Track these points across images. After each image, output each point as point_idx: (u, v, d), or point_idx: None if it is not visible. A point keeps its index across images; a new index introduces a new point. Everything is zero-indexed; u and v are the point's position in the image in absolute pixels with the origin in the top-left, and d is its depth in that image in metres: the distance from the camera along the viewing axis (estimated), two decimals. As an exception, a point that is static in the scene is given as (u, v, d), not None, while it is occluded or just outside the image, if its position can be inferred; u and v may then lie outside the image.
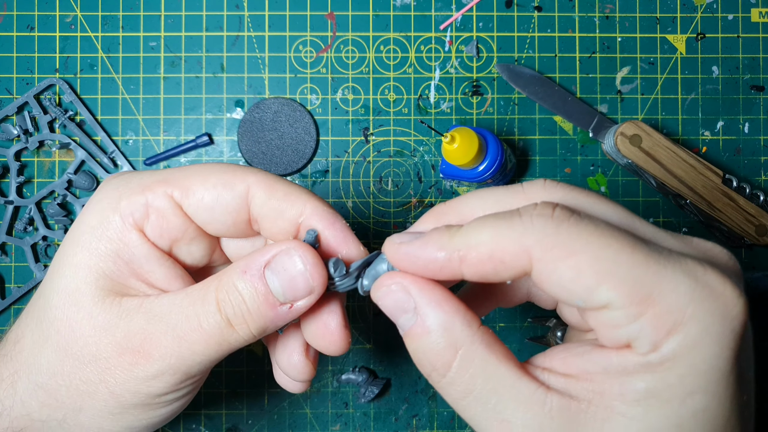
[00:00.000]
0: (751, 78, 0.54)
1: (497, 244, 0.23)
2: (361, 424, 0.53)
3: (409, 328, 0.25)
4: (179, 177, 0.30)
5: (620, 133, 0.49)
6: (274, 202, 0.29)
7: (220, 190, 0.29)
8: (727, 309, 0.22)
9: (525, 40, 0.54)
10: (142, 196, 0.29)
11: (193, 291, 0.29)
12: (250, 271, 0.28)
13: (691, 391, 0.22)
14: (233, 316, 0.28)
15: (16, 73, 0.53)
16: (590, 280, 0.22)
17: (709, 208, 0.50)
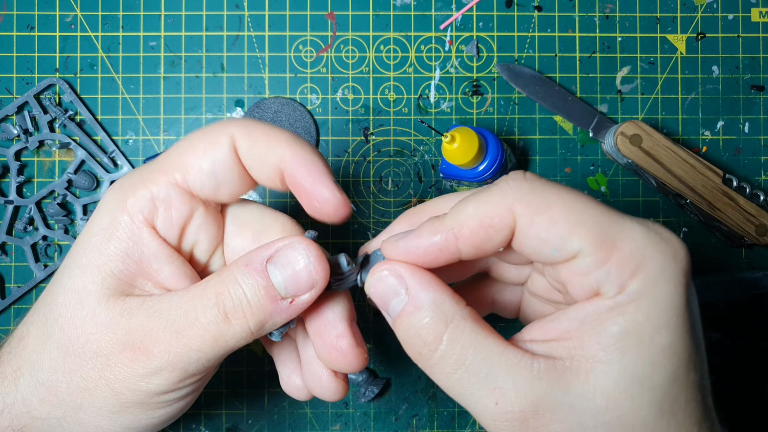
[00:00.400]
0: (751, 78, 0.54)
1: (484, 211, 0.26)
2: (361, 424, 0.53)
3: (401, 309, 0.27)
4: (173, 158, 0.30)
5: (620, 133, 0.49)
6: (256, 149, 0.30)
7: (210, 153, 0.29)
8: (675, 251, 0.25)
9: (525, 40, 0.54)
10: (147, 190, 0.29)
11: (194, 288, 0.29)
12: (252, 264, 0.28)
13: (657, 327, 0.25)
14: (231, 310, 0.28)
15: (16, 73, 0.53)
16: (564, 229, 0.25)
17: (709, 208, 0.50)
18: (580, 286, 0.26)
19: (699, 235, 0.53)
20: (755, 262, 0.53)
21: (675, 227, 0.53)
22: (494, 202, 0.26)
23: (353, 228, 0.54)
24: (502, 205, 0.26)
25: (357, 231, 0.54)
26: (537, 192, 0.26)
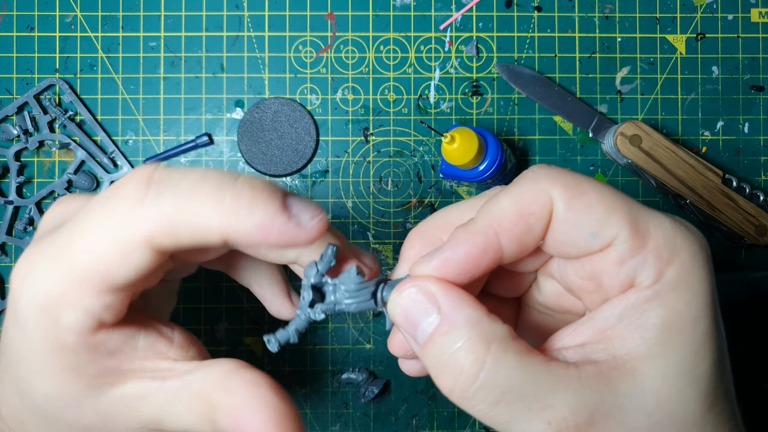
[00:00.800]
0: (750, 78, 0.54)
1: (521, 200, 0.24)
2: (361, 424, 0.53)
3: (434, 330, 0.24)
4: (86, 262, 0.23)
5: (620, 133, 0.49)
6: (182, 240, 0.25)
7: (127, 263, 0.24)
8: (701, 240, 0.25)
9: (525, 40, 0.54)
10: (76, 311, 0.24)
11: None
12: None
13: (697, 315, 0.23)
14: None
15: (16, 73, 0.53)
16: (601, 213, 0.24)
17: (709, 208, 0.50)
18: (616, 276, 0.24)
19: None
20: (755, 263, 0.53)
21: (675, 227, 0.53)
22: (529, 189, 0.24)
23: (353, 228, 0.54)
24: (538, 190, 0.24)
25: (357, 231, 0.54)
26: (568, 178, 0.25)
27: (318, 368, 0.53)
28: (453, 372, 0.23)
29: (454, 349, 0.23)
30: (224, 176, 0.24)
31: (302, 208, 0.25)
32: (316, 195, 0.54)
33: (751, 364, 0.53)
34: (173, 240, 0.23)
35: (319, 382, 0.53)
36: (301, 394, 0.53)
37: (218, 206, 0.23)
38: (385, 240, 0.53)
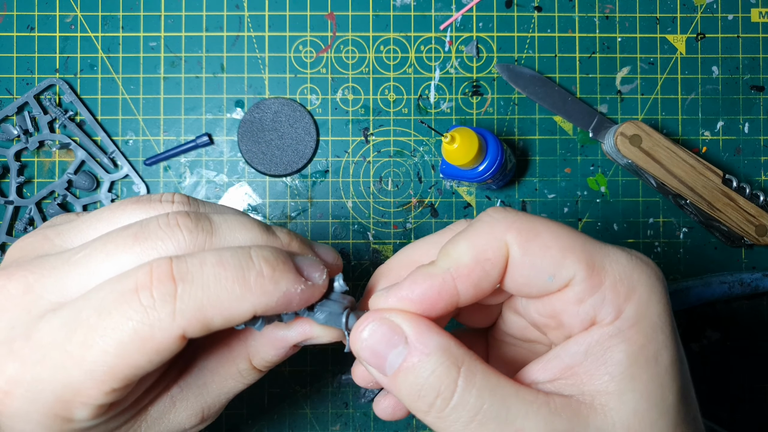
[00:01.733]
0: (751, 78, 0.54)
1: (477, 246, 0.25)
2: (361, 424, 0.53)
3: (404, 359, 0.24)
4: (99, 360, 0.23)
5: (620, 133, 0.49)
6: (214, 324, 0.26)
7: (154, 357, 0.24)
8: (657, 272, 0.25)
9: (525, 40, 0.54)
10: (82, 409, 0.24)
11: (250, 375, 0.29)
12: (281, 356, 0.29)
13: (659, 347, 0.24)
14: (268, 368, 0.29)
15: (16, 74, 0.53)
16: (556, 254, 0.24)
17: (709, 208, 0.50)
18: (576, 315, 0.25)
19: (699, 235, 0.53)
20: (755, 263, 0.53)
21: (675, 227, 0.53)
22: (485, 234, 0.25)
23: (353, 228, 0.54)
24: (493, 235, 0.25)
25: (357, 231, 0.54)
26: (523, 220, 0.25)
27: (318, 368, 0.53)
28: (430, 397, 0.24)
29: (427, 375, 0.24)
30: (240, 256, 0.25)
31: (311, 268, 0.26)
32: (316, 195, 0.54)
33: (751, 364, 0.53)
34: (206, 328, 0.24)
35: (320, 382, 0.53)
36: (301, 394, 0.53)
37: (246, 289, 0.24)
38: (385, 240, 0.53)
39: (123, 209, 0.27)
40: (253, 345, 0.29)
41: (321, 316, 0.27)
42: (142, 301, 0.23)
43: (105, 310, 0.23)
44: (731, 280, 0.51)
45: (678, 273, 0.53)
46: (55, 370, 0.23)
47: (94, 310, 0.23)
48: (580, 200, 0.53)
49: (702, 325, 0.53)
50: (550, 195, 0.53)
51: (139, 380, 0.26)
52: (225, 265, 0.24)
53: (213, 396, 0.30)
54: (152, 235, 0.25)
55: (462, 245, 0.25)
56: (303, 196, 0.54)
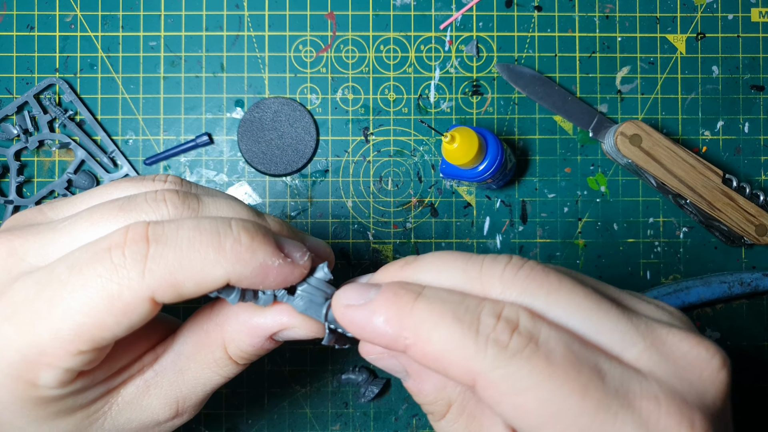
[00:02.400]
0: (751, 78, 0.54)
1: (446, 353, 0.22)
2: (361, 424, 0.53)
3: (405, 383, 0.26)
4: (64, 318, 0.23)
5: (620, 132, 0.49)
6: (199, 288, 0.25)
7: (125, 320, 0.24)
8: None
9: (525, 40, 0.54)
10: (49, 370, 0.24)
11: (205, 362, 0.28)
12: (262, 346, 0.28)
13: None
14: (249, 362, 0.29)
15: (16, 73, 0.53)
16: (533, 421, 0.21)
17: (709, 207, 0.50)
18: None
19: (699, 235, 0.53)
20: (755, 262, 0.53)
21: (675, 227, 0.53)
22: (461, 356, 0.22)
23: (353, 228, 0.54)
24: (466, 366, 0.22)
25: (357, 231, 0.54)
26: (512, 370, 0.21)
27: (318, 368, 0.53)
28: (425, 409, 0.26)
29: (423, 403, 0.26)
30: (218, 223, 0.24)
31: (292, 247, 0.26)
32: (316, 195, 0.54)
33: (752, 364, 0.53)
34: (177, 293, 0.23)
35: (320, 382, 0.53)
36: (301, 393, 0.53)
37: (221, 254, 0.23)
38: (385, 240, 0.53)
39: (116, 186, 0.28)
40: (228, 331, 0.28)
41: (300, 303, 0.26)
42: (113, 259, 0.23)
43: (76, 267, 0.23)
44: (731, 279, 0.51)
45: (678, 273, 0.53)
46: (21, 327, 0.23)
47: (65, 268, 0.23)
48: (580, 200, 0.53)
49: (702, 325, 0.53)
50: (550, 195, 0.53)
51: (109, 352, 0.25)
52: (201, 230, 0.24)
53: (189, 386, 0.29)
54: (137, 207, 0.25)
55: (437, 335, 0.22)
56: (303, 196, 0.54)
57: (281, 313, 0.27)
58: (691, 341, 0.22)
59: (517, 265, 0.23)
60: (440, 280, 0.24)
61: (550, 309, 0.23)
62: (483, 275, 0.23)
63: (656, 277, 0.53)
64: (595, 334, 0.22)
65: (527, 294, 0.23)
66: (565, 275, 0.23)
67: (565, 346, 0.21)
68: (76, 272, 0.23)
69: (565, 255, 0.53)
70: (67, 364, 0.23)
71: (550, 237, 0.53)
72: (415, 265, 0.25)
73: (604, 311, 0.23)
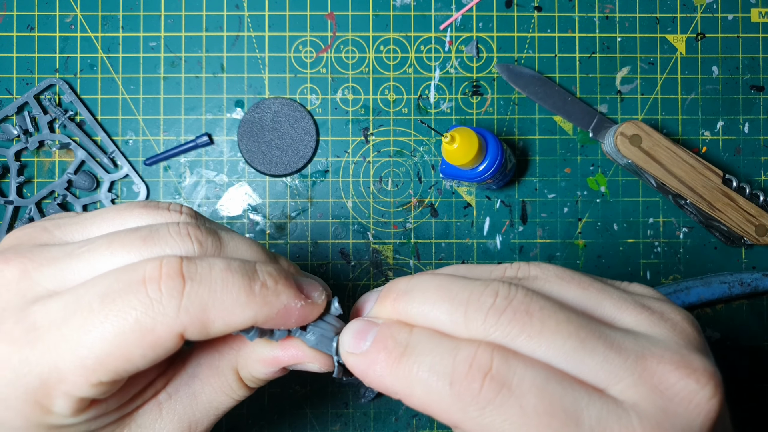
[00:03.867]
0: (751, 78, 0.54)
1: (428, 405, 0.23)
2: (361, 424, 0.53)
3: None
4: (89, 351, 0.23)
5: (620, 133, 0.49)
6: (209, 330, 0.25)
7: (151, 354, 0.24)
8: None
9: (525, 40, 0.54)
10: (62, 399, 0.23)
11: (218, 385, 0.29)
12: (271, 373, 0.29)
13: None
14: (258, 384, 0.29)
15: (16, 74, 0.53)
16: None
17: (709, 208, 0.50)
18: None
19: (699, 235, 0.53)
20: (755, 263, 0.53)
21: (675, 227, 0.53)
22: (441, 404, 0.23)
23: (353, 228, 0.54)
24: (447, 415, 0.23)
25: (357, 231, 0.54)
26: (486, 419, 0.22)
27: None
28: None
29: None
30: (246, 265, 0.25)
31: (311, 287, 0.27)
32: (316, 195, 0.54)
33: (752, 364, 0.53)
34: (205, 331, 0.24)
35: (320, 382, 0.53)
36: (301, 394, 0.53)
37: (250, 297, 0.24)
38: (385, 240, 0.53)
39: (130, 212, 0.27)
40: (243, 357, 0.29)
41: (312, 338, 0.27)
42: (149, 293, 0.23)
43: (109, 297, 0.23)
44: (731, 280, 0.51)
45: (678, 273, 0.53)
46: (45, 353, 0.23)
47: (97, 296, 0.23)
48: (580, 200, 0.53)
49: (702, 325, 0.53)
50: (550, 195, 0.53)
51: (125, 381, 0.25)
52: (233, 272, 0.24)
53: (202, 409, 0.29)
54: (161, 241, 0.25)
55: (419, 387, 0.23)
56: (303, 196, 0.54)
57: (295, 347, 0.28)
58: (682, 372, 0.22)
59: (500, 309, 0.23)
60: (429, 315, 0.25)
61: (532, 350, 0.23)
62: (467, 317, 0.24)
63: (656, 277, 0.53)
64: (578, 371, 0.23)
65: (510, 337, 0.23)
66: (548, 316, 0.23)
67: (539, 389, 0.22)
68: (108, 302, 0.23)
69: (565, 255, 0.53)
70: (84, 394, 0.23)
71: (550, 237, 0.53)
72: (407, 299, 0.26)
73: (588, 350, 0.23)
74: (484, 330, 0.23)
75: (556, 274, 0.26)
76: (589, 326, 0.23)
